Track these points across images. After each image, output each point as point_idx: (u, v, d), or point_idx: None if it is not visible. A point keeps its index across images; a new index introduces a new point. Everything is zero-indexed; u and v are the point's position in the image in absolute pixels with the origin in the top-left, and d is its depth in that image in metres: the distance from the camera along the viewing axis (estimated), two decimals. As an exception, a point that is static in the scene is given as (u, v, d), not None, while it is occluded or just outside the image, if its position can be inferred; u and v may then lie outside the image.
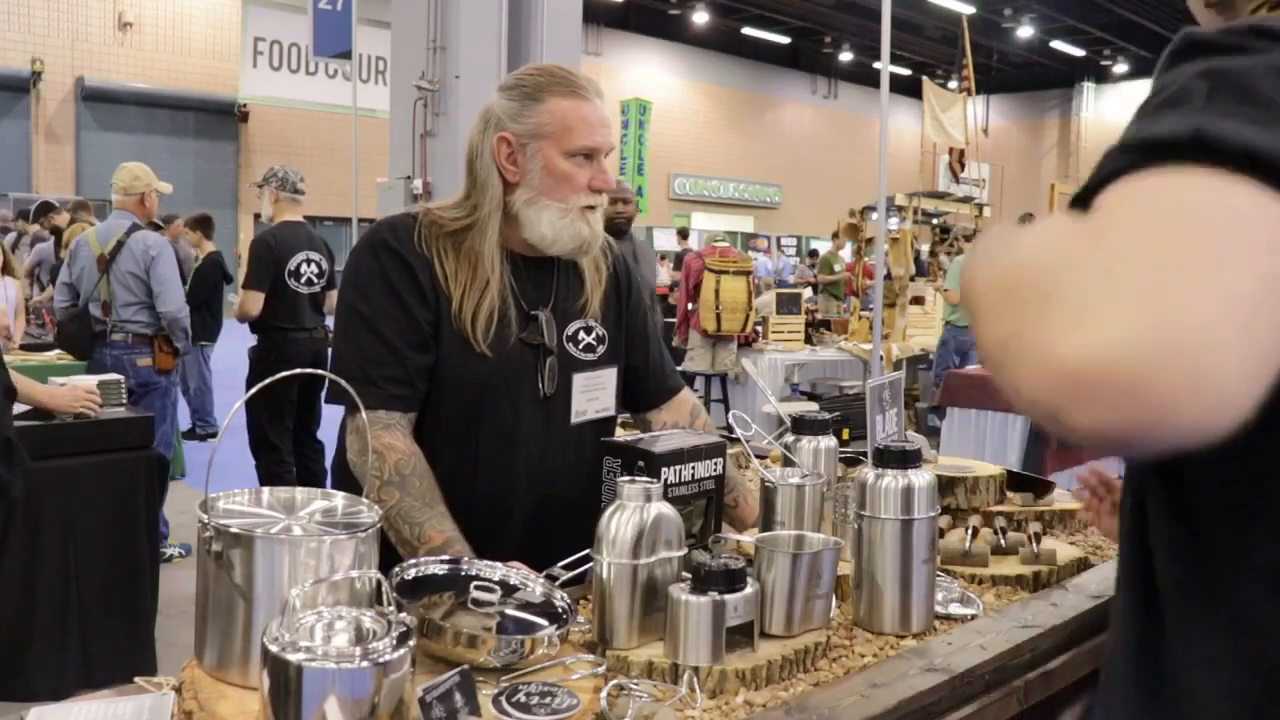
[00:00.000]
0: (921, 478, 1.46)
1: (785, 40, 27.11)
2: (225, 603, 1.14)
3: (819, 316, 9.50)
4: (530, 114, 1.67)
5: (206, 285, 7.60)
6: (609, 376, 1.83)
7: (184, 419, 7.92)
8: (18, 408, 3.05)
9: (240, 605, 1.13)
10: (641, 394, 1.94)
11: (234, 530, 1.13)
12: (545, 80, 1.68)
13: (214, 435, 7.82)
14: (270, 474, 4.90)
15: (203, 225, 8.10)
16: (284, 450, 5.06)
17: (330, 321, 5.34)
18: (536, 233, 1.69)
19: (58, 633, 3.27)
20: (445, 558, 1.41)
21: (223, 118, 19.45)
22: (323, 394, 5.29)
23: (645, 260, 4.52)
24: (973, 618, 1.51)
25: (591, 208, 1.71)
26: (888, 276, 7.83)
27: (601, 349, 1.82)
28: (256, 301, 4.93)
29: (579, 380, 1.78)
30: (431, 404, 1.69)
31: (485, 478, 1.71)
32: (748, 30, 26.22)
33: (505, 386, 1.70)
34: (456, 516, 1.57)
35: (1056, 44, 26.85)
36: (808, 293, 9.83)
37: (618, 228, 4.40)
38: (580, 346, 1.79)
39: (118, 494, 3.43)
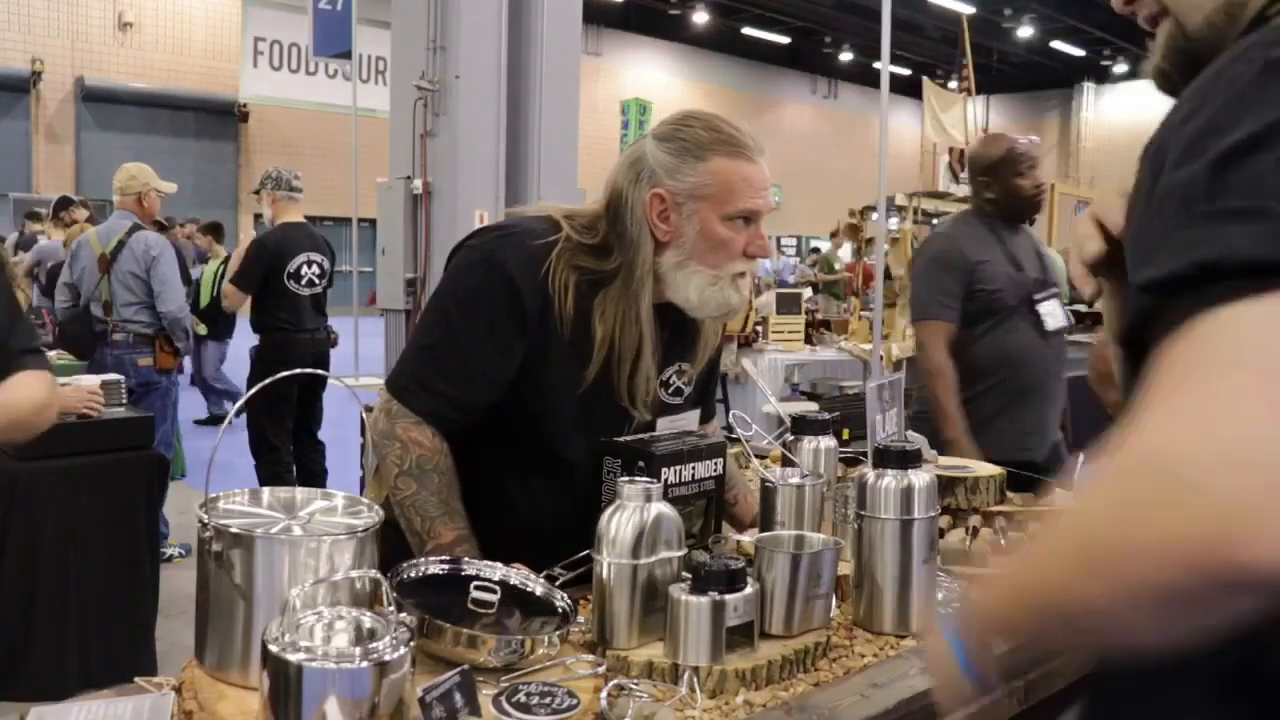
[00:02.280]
0: (921, 478, 1.47)
1: (785, 40, 27.11)
2: (225, 603, 1.14)
3: (819, 316, 9.50)
4: (690, 172, 1.56)
5: None
6: (691, 419, 1.78)
7: (197, 409, 8.17)
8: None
9: (240, 605, 1.13)
10: None
11: (234, 530, 1.13)
12: (709, 137, 1.57)
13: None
14: (270, 474, 4.91)
15: (214, 231, 9.01)
16: (284, 450, 5.07)
17: (332, 322, 5.35)
18: (681, 295, 1.60)
19: (58, 633, 3.27)
20: (445, 558, 1.41)
21: (223, 118, 19.45)
22: (324, 393, 5.31)
23: (1055, 265, 3.33)
24: (973, 618, 1.51)
25: (743, 274, 1.61)
26: (888, 276, 7.83)
27: (688, 391, 1.77)
28: (238, 298, 5.03)
29: (662, 424, 1.72)
30: (515, 437, 1.63)
31: (559, 510, 1.65)
32: (748, 30, 26.21)
33: (595, 434, 1.64)
34: (509, 539, 1.54)
35: (1056, 44, 26.85)
36: (808, 293, 9.82)
37: (1028, 210, 3.15)
38: (670, 390, 1.74)
39: (118, 494, 3.43)
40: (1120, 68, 28.49)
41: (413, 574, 1.36)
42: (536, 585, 1.39)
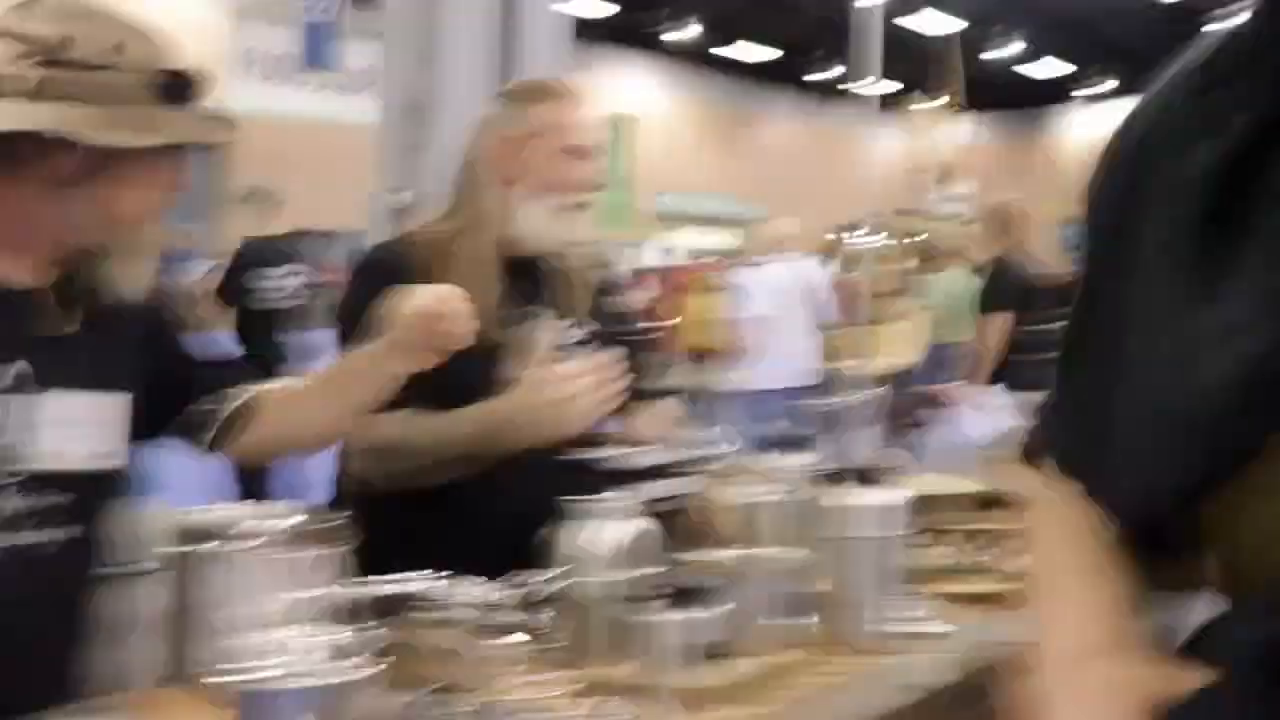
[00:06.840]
0: (895, 495, 1.47)
1: (772, 56, 27.24)
2: (193, 617, 1.13)
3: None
4: (522, 116, 1.76)
5: None
6: (600, 357, 1.78)
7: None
8: None
9: (207, 620, 1.12)
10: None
11: (203, 543, 1.13)
12: (537, 86, 1.83)
13: None
14: (247, 488, 4.87)
15: None
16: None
17: (317, 334, 5.34)
18: (526, 227, 1.73)
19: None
20: (417, 574, 1.40)
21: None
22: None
23: None
24: (947, 635, 1.51)
25: (582, 205, 1.77)
26: (872, 294, 7.87)
27: (592, 344, 1.80)
28: (216, 311, 5.05)
29: (572, 360, 1.74)
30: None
31: (492, 490, 1.67)
32: (734, 46, 26.35)
33: (495, 390, 1.67)
34: (456, 536, 1.55)
35: (1046, 61, 27.06)
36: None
37: None
38: (575, 343, 1.77)
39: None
40: (1109, 84, 28.74)
41: (387, 589, 1.35)
42: (513, 602, 1.38)
